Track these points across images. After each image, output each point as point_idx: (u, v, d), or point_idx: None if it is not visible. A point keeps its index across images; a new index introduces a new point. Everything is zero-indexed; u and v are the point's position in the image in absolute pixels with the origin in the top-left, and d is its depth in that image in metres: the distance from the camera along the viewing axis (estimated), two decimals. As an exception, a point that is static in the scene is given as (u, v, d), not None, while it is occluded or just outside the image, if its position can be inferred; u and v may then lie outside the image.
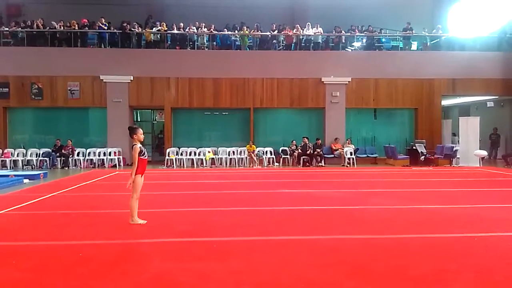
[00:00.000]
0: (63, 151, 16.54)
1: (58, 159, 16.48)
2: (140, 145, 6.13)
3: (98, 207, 7.67)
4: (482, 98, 19.97)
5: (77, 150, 16.87)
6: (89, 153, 16.96)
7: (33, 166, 16.27)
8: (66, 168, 16.18)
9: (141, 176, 6.12)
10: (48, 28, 18.13)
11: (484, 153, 16.50)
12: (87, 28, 18.34)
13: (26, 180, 11.67)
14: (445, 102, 20.63)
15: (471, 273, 4.03)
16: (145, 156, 6.17)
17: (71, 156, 16.55)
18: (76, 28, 18.06)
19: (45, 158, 16.53)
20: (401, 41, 19.53)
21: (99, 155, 16.87)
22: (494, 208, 7.54)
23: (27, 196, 8.86)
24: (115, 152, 16.96)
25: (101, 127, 17.97)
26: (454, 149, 17.16)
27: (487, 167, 15.99)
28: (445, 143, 18.38)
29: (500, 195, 9.36)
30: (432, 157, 17.24)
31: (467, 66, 18.21)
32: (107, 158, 16.80)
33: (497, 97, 19.43)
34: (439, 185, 10.89)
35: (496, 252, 4.74)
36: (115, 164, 16.68)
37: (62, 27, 18.09)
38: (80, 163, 16.68)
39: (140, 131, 6.22)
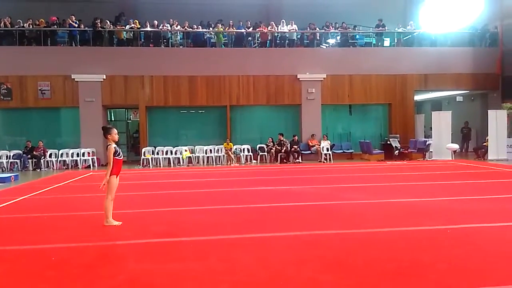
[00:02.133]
0: (34, 152, 16.10)
1: (30, 161, 16.03)
2: (115, 145, 6.02)
3: (72, 209, 7.50)
4: (453, 92, 20.48)
5: (49, 151, 16.44)
6: (62, 154, 16.56)
7: (3, 169, 15.75)
8: (38, 170, 15.77)
9: (116, 177, 6.01)
10: (16, 26, 17.58)
11: (456, 146, 16.93)
12: (56, 26, 17.87)
13: (-4, 183, 11.32)
14: (418, 97, 21.06)
15: (444, 264, 4.11)
16: (120, 157, 6.07)
17: (43, 157, 16.13)
18: (45, 26, 17.59)
19: (16, 160, 16.05)
20: (374, 37, 19.80)
21: (72, 156, 16.49)
22: (466, 200, 7.73)
23: (-3, 200, 8.58)
24: (88, 153, 16.62)
25: (73, 127, 17.57)
26: (427, 143, 17.54)
27: (459, 160, 16.41)
28: (418, 138, 18.76)
29: (472, 187, 9.61)
30: (406, 151, 17.60)
31: (438, 62, 18.63)
32: (80, 159, 16.45)
33: (467, 91, 19.96)
34: (413, 179, 11.10)
35: (468, 243, 4.86)
36: (89, 165, 16.36)
37: (31, 26, 17.58)
38: (53, 165, 16.28)
39: (115, 131, 6.10)
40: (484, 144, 17.10)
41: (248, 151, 17.54)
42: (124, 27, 18.24)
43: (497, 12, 19.37)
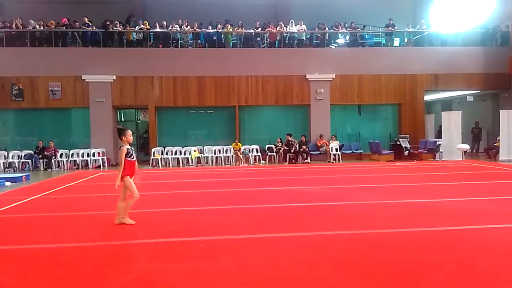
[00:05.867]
0: (45, 152, 16.28)
1: (41, 160, 16.22)
2: (129, 147, 6.03)
3: (83, 209, 7.57)
4: (464, 92, 20.29)
5: (60, 151, 16.62)
6: (72, 154, 16.72)
7: (15, 169, 15.96)
8: (49, 170, 15.94)
9: (130, 178, 6.03)
10: (28, 27, 17.78)
11: (466, 146, 16.77)
12: (64, 27, 18.03)
13: (8, 183, 11.44)
14: (428, 97, 20.90)
15: (453, 266, 4.08)
16: (133, 158, 6.06)
17: (53, 157, 16.31)
18: (56, 27, 17.79)
19: (27, 160, 16.25)
20: (383, 37, 19.70)
21: (82, 156, 16.64)
22: (476, 201, 7.66)
23: (9, 199, 8.69)
24: (99, 153, 16.75)
25: (84, 127, 17.76)
26: (437, 143, 17.40)
27: (469, 160, 16.25)
28: (428, 138, 18.62)
29: (482, 188, 9.51)
30: (416, 151, 17.48)
31: (449, 61, 18.47)
32: (91, 159, 16.59)
33: (478, 91, 19.77)
34: (423, 179, 11.02)
35: (478, 245, 4.82)
36: (99, 165, 16.49)
37: (42, 27, 17.78)
38: (63, 165, 16.44)
39: (129, 132, 6.13)
40: (495, 144, 16.92)
41: (257, 151, 17.55)
42: (134, 28, 18.38)
43: (508, 11, 19.15)
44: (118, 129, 6.28)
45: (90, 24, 18.02)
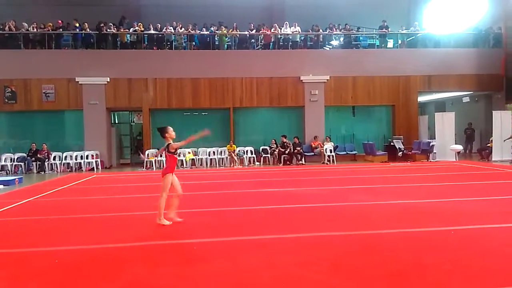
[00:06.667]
0: (38, 155, 16.16)
1: (34, 163, 16.09)
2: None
3: (76, 211, 7.51)
4: (457, 93, 20.41)
5: (53, 154, 16.50)
6: (66, 156, 16.60)
7: (8, 172, 15.83)
8: (42, 172, 15.83)
9: (172, 175, 6.12)
10: (21, 30, 17.66)
11: (459, 147, 16.86)
12: (61, 29, 17.94)
13: (0, 186, 11.37)
14: (421, 99, 21.00)
15: (448, 266, 4.09)
16: (176, 154, 6.22)
17: (47, 160, 16.19)
18: (53, 29, 17.69)
19: (20, 163, 16.12)
20: (377, 39, 19.78)
21: (76, 159, 16.53)
22: (470, 202, 7.70)
23: (2, 202, 8.60)
24: (92, 155, 16.65)
25: (77, 130, 17.64)
26: (431, 144, 17.48)
27: (462, 161, 16.34)
28: (422, 139, 18.70)
29: (476, 189, 9.56)
30: (410, 152, 17.54)
31: (442, 63, 18.57)
32: (84, 162, 16.48)
33: (471, 92, 19.90)
34: (417, 180, 11.06)
35: (472, 245, 4.84)
36: (93, 168, 16.39)
37: (35, 29, 17.67)
38: (57, 167, 16.33)
39: (170, 128, 6.25)
40: (488, 145, 17.03)
41: (251, 153, 17.55)
42: (128, 30, 18.30)
43: (501, 13, 19.30)
44: (158, 129, 6.34)
45: (80, 27, 17.86)
